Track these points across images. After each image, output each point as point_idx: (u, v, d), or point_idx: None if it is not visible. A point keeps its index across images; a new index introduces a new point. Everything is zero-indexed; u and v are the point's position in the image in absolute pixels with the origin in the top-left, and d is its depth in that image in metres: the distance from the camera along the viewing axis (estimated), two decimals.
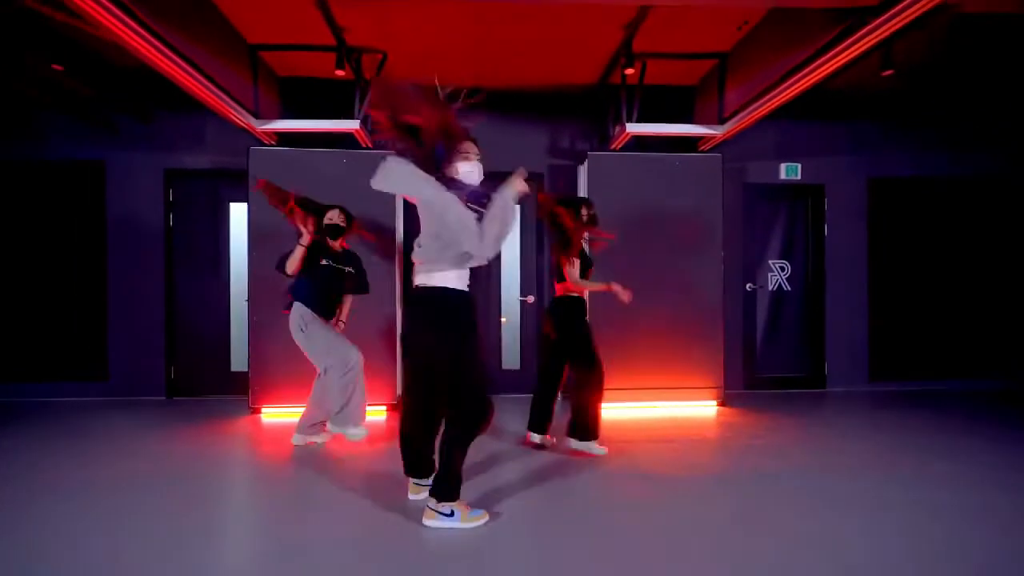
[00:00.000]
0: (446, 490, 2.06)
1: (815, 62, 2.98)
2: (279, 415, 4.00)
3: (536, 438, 3.18)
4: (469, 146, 2.17)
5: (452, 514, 2.06)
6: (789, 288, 5.00)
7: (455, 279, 2.07)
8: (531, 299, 4.86)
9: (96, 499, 2.42)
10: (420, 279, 2.10)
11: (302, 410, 3.25)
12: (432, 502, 2.08)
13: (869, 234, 4.97)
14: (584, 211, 3.06)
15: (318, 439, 3.27)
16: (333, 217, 3.22)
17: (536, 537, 2.10)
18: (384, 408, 4.12)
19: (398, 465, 2.40)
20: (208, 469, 2.89)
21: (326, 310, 3.23)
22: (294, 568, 1.85)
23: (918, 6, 2.23)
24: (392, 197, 4.20)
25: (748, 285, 4.93)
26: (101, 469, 2.82)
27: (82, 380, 4.57)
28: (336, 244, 3.29)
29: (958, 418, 3.89)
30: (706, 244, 4.29)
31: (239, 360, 4.64)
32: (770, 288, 4.99)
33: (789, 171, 4.90)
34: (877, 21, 2.43)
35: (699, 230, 4.29)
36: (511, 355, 4.89)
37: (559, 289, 3.12)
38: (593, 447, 3.03)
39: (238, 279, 4.65)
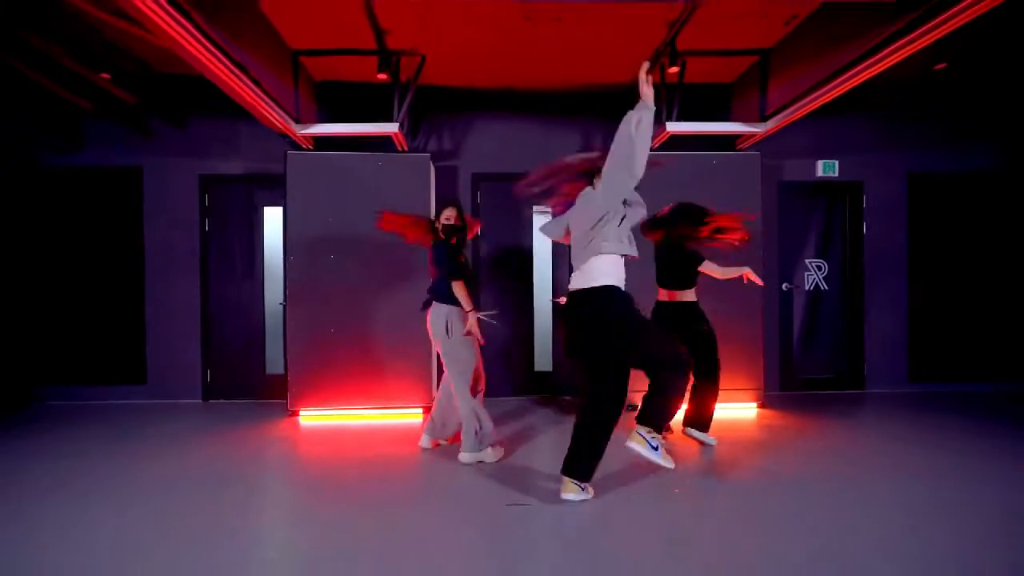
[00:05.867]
0: (659, 421, 2.24)
1: (873, 57, 2.91)
2: (317, 418, 4.00)
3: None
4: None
5: (656, 448, 2.19)
6: (826, 287, 4.92)
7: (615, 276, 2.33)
8: (563, 300, 4.81)
9: (148, 503, 2.43)
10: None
11: (344, 412, 3.12)
12: (643, 430, 2.23)
13: (909, 232, 4.87)
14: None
15: (488, 457, 2.98)
16: (451, 217, 3.05)
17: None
18: (420, 410, 4.10)
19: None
20: (264, 474, 2.90)
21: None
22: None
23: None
24: (428, 203, 4.18)
25: (784, 285, 4.85)
26: (149, 473, 2.84)
27: (120, 384, 4.60)
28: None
29: (1005, 421, 3.80)
30: (744, 244, 4.22)
31: (274, 363, 4.66)
32: (807, 288, 4.91)
33: (826, 168, 4.82)
34: (945, 15, 2.37)
35: None
36: (543, 357, 4.86)
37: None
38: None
39: (272, 282, 4.67)
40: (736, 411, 4.16)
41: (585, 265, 2.33)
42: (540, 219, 4.84)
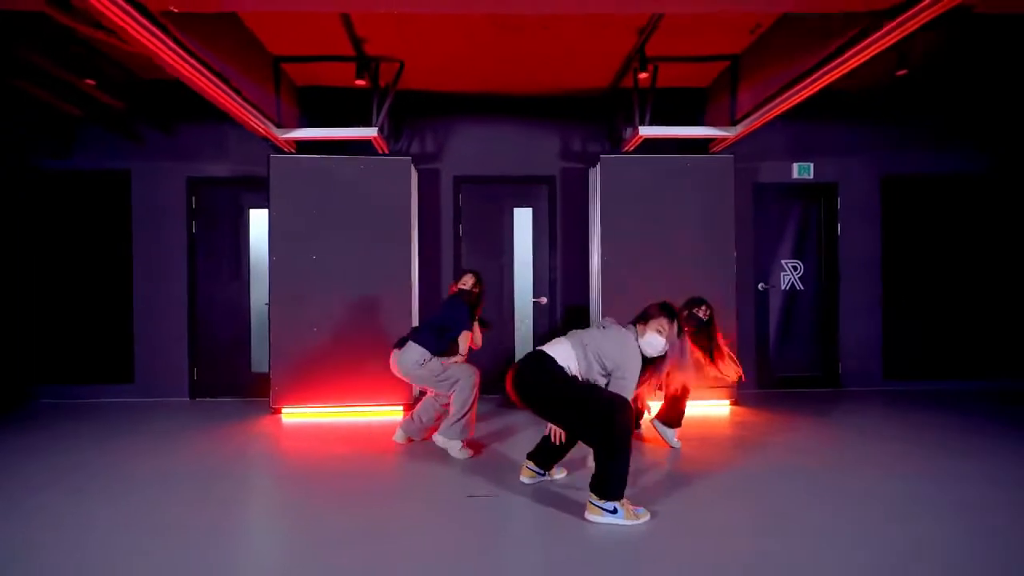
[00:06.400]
0: (607, 489, 2.16)
1: (830, 63, 3.01)
2: (299, 415, 4.09)
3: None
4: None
5: (615, 511, 2.16)
6: (802, 287, 5.01)
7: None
8: (544, 300, 4.91)
9: (140, 497, 2.52)
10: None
11: (325, 410, 3.21)
12: (593, 498, 2.19)
13: (883, 232, 4.96)
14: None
15: (456, 453, 3.11)
16: (467, 283, 3.30)
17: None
18: (401, 408, 4.19)
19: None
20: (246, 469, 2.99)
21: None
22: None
23: (932, 9, 2.26)
24: (408, 205, 4.26)
25: (760, 285, 4.94)
26: (140, 468, 2.93)
27: (109, 382, 4.69)
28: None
29: (974, 417, 3.89)
30: (718, 245, 4.32)
31: (259, 362, 4.75)
32: (783, 288, 5.00)
33: (801, 170, 4.91)
34: (891, 24, 2.46)
35: (711, 231, 4.31)
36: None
37: None
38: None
39: (258, 283, 4.75)
40: (710, 408, 4.25)
41: (562, 340, 2.44)
42: (521, 219, 4.93)
